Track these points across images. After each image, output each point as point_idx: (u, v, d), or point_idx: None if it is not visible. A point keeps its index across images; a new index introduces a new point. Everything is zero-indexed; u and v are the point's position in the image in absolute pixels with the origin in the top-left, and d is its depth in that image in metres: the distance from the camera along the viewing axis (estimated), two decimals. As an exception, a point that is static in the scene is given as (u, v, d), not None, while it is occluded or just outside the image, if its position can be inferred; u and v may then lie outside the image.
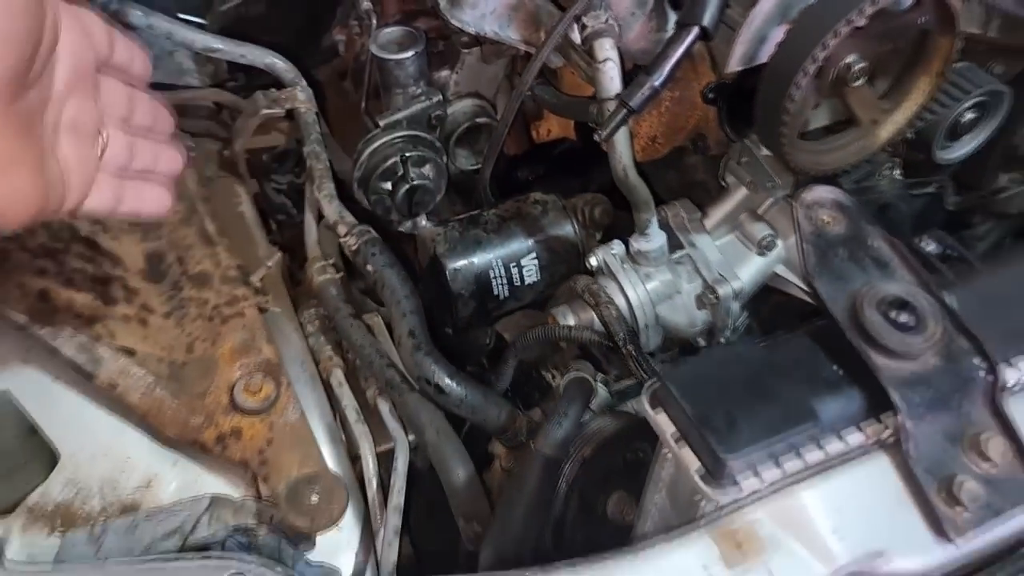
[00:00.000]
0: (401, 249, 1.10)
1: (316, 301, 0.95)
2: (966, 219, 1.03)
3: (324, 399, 0.87)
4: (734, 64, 0.81)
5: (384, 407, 0.87)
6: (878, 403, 0.47)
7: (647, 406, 0.49)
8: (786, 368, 0.49)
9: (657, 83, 0.81)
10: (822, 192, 0.56)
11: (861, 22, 0.76)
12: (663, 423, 0.48)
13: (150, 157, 0.65)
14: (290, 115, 1.06)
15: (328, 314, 0.92)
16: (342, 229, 0.93)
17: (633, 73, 0.86)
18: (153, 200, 0.65)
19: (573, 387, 0.79)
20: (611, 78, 0.84)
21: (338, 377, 0.88)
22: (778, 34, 0.79)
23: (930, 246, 0.69)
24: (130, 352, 0.75)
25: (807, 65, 0.74)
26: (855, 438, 0.47)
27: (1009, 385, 0.50)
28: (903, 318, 0.47)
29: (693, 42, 0.80)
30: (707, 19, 0.80)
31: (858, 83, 0.81)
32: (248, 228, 0.99)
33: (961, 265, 0.64)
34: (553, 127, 1.11)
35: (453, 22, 0.88)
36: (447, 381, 0.83)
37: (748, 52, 0.81)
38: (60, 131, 0.55)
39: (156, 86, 0.67)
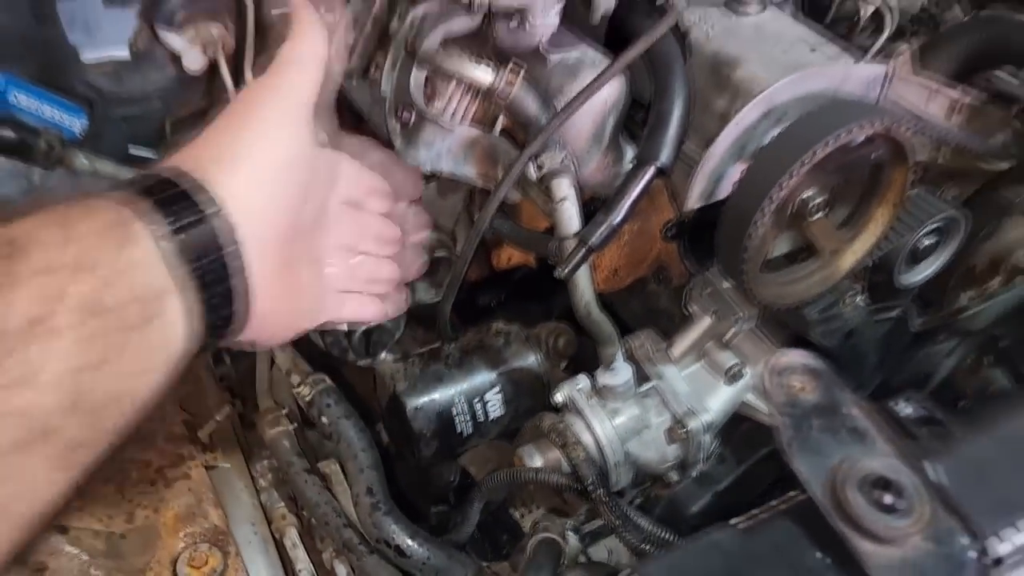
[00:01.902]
0: (361, 382, 1.07)
1: (269, 452, 0.90)
2: (931, 338, 1.02)
3: (277, 562, 0.81)
4: (693, 202, 0.80)
5: (341, 570, 0.81)
6: (867, 594, 0.44)
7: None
8: (767, 558, 0.46)
9: (616, 221, 0.80)
10: (793, 357, 0.54)
11: (819, 160, 0.76)
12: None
13: (370, 271, 0.72)
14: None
15: (281, 468, 0.87)
16: (296, 378, 0.89)
17: (591, 204, 0.85)
18: (369, 311, 0.74)
19: (541, 551, 0.75)
20: (570, 216, 0.82)
21: (292, 537, 0.83)
22: (736, 172, 0.79)
23: (907, 409, 0.67)
24: (62, 529, 0.69)
25: (766, 204, 0.73)
26: (844, 634, 0.44)
27: (1002, 556, 0.47)
28: (887, 499, 0.44)
29: (651, 180, 0.80)
30: (664, 158, 0.80)
31: (816, 216, 0.81)
32: (196, 378, 0.95)
33: (938, 428, 0.62)
34: (513, 254, 1.10)
35: (409, 161, 0.87)
36: (408, 543, 0.78)
37: (706, 189, 0.80)
38: (326, 255, 0.64)
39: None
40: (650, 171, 0.79)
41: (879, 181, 0.84)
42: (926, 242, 0.91)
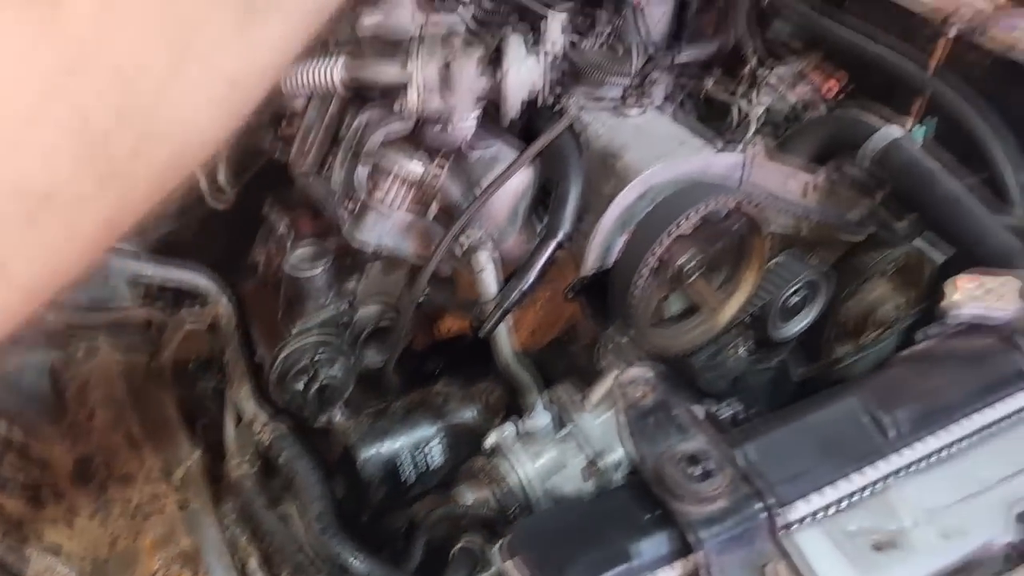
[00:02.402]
0: (321, 446, 1.19)
1: (234, 494, 1.03)
2: (814, 386, 1.17)
3: (240, 583, 0.93)
4: (588, 268, 0.97)
5: (296, 590, 0.93)
6: (686, 544, 0.58)
7: (498, 557, 0.59)
8: (610, 515, 0.59)
9: (526, 286, 0.97)
10: (635, 372, 0.69)
11: (686, 231, 0.93)
12: (511, 570, 0.57)
13: None
14: (213, 327, 1.18)
15: (244, 505, 1.00)
16: (257, 426, 1.03)
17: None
18: None
19: (459, 559, 0.88)
20: (488, 284, 0.98)
21: (252, 565, 0.95)
22: (621, 242, 0.96)
23: (727, 411, 0.82)
24: (56, 550, 0.81)
25: (642, 268, 0.90)
26: (666, 574, 0.57)
27: (794, 520, 0.62)
28: (696, 471, 0.59)
29: (554, 251, 0.97)
30: (562, 233, 0.97)
31: (693, 278, 0.98)
32: (172, 430, 1.08)
33: (750, 425, 0.77)
34: (453, 324, 1.25)
35: (355, 241, 1.03)
36: (352, 560, 0.91)
37: (599, 257, 0.97)
38: None
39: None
40: (552, 243, 0.96)
41: (744, 248, 1.01)
42: (794, 300, 1.08)
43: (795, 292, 1.06)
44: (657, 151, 0.97)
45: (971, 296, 0.75)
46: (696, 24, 1.52)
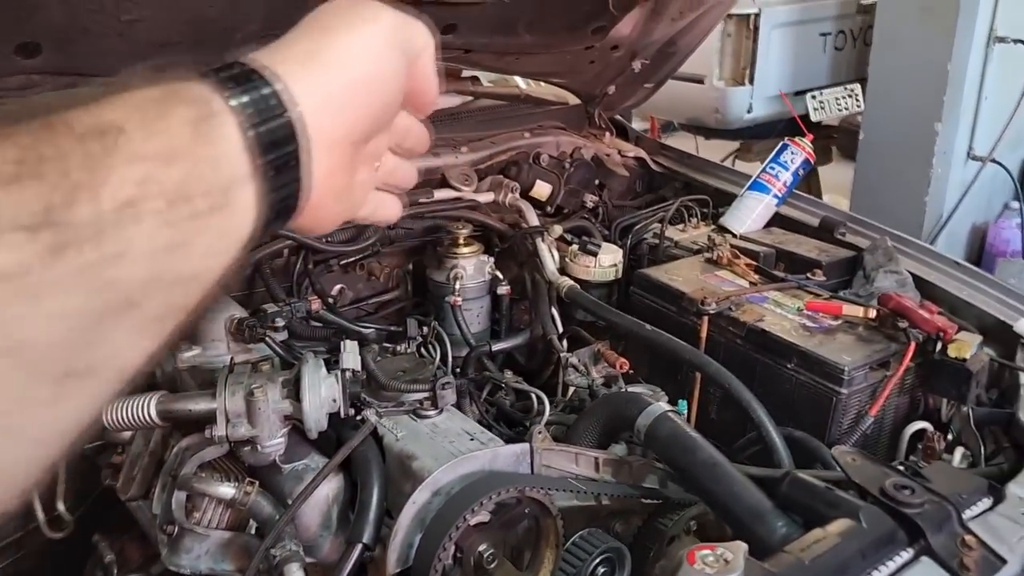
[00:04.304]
0: None
1: None
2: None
3: None
4: (391, 568, 1.03)
5: None
6: None
7: None
8: None
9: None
10: None
11: (484, 519, 1.02)
12: None
13: (402, 175, 0.73)
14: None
15: None
16: None
17: None
18: (393, 208, 0.72)
19: None
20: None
21: None
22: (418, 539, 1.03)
23: None
24: None
25: (436, 564, 0.97)
26: None
27: None
28: None
29: (359, 556, 1.03)
30: (366, 537, 1.04)
31: (493, 565, 1.05)
32: None
33: None
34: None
35: (172, 568, 1.08)
36: None
37: (401, 556, 1.03)
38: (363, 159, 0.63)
39: None
40: (357, 548, 1.03)
41: (540, 530, 1.10)
42: (601, 570, 1.15)
43: (600, 563, 1.14)
44: (448, 449, 1.07)
45: (704, 562, 0.85)
46: (511, 317, 1.73)
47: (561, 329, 1.61)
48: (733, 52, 4.56)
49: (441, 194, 1.68)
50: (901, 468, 1.06)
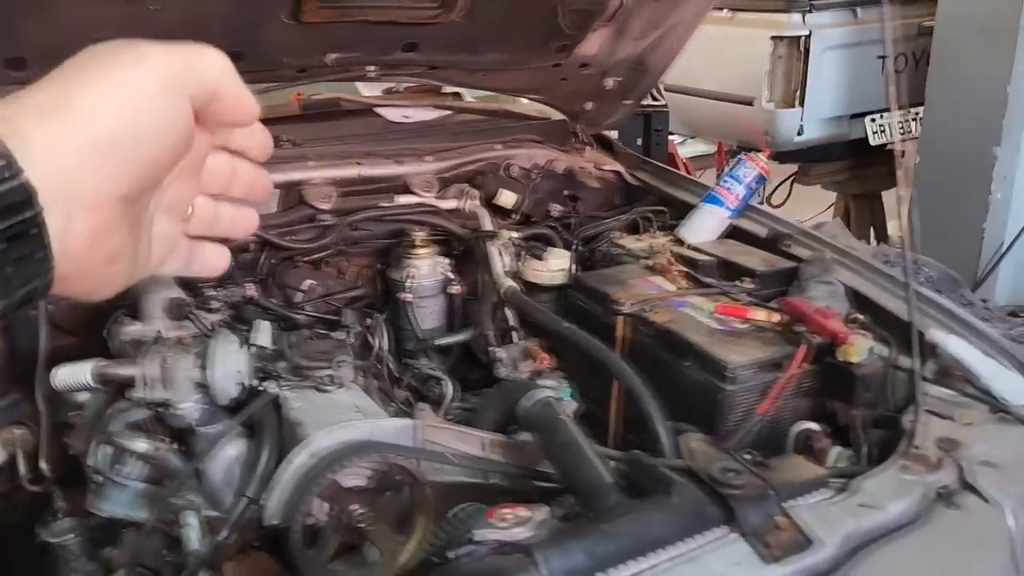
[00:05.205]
0: None
1: None
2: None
3: None
4: (268, 519, 1.15)
5: None
6: None
7: None
8: None
9: (219, 539, 1.15)
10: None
11: (361, 483, 1.13)
12: None
13: (228, 223, 0.65)
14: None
15: None
16: None
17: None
18: (215, 260, 0.66)
19: None
20: (191, 539, 1.16)
21: None
22: (296, 497, 1.15)
23: None
24: None
25: (297, 515, 1.09)
26: None
27: None
28: None
29: (246, 508, 1.16)
30: (252, 491, 1.17)
31: (365, 525, 1.16)
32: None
33: None
34: None
35: (94, 511, 1.23)
36: None
37: (276, 510, 1.15)
38: (157, 212, 0.57)
39: None
40: (243, 502, 1.16)
41: (414, 498, 1.20)
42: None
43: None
44: (331, 420, 1.20)
45: (502, 518, 0.95)
46: (466, 315, 1.84)
47: (515, 327, 1.71)
48: (783, 74, 4.55)
49: (403, 199, 1.82)
50: (748, 457, 1.13)
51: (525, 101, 2.25)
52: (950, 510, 1.13)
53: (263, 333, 1.28)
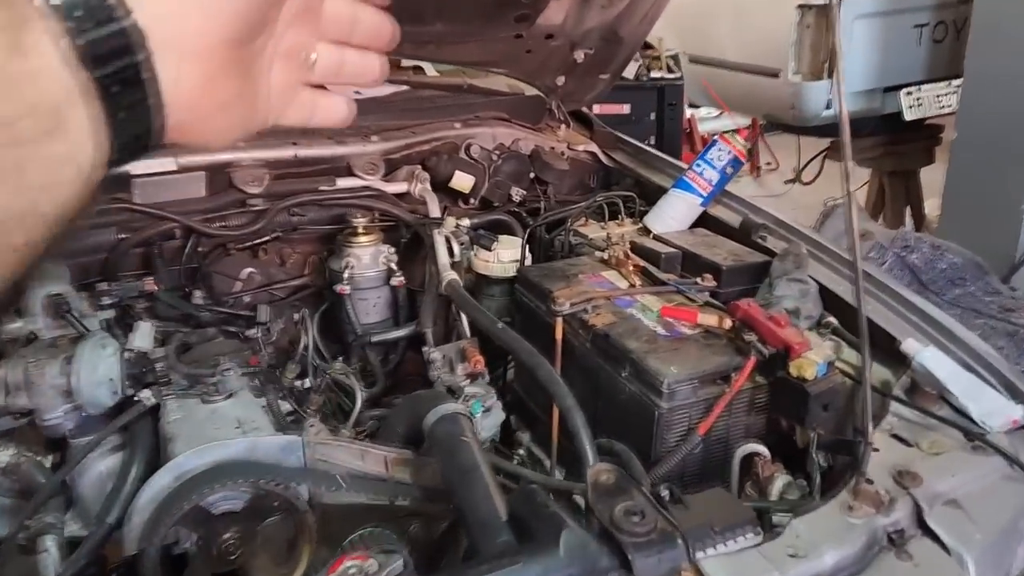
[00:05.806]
0: None
1: None
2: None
3: None
4: (128, 548, 1.03)
5: None
6: None
7: None
8: None
9: (77, 568, 1.03)
10: None
11: (232, 508, 1.01)
12: None
13: (354, 70, 0.63)
14: None
15: None
16: None
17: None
18: (340, 110, 0.64)
19: None
20: (46, 566, 1.05)
21: None
22: (159, 523, 1.03)
23: None
24: None
25: (148, 549, 0.97)
26: None
27: None
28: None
29: (107, 535, 1.05)
30: (113, 517, 1.05)
31: (236, 556, 1.04)
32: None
33: None
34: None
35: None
36: None
37: (137, 537, 1.04)
38: (275, 59, 0.55)
39: None
40: (104, 529, 1.05)
41: (296, 526, 1.07)
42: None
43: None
44: (207, 436, 1.07)
45: (346, 572, 0.81)
46: (411, 308, 1.70)
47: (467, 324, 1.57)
48: (812, 45, 4.29)
49: (344, 183, 1.68)
50: (667, 492, 0.97)
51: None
52: (901, 560, 0.96)
53: (142, 335, 1.16)
